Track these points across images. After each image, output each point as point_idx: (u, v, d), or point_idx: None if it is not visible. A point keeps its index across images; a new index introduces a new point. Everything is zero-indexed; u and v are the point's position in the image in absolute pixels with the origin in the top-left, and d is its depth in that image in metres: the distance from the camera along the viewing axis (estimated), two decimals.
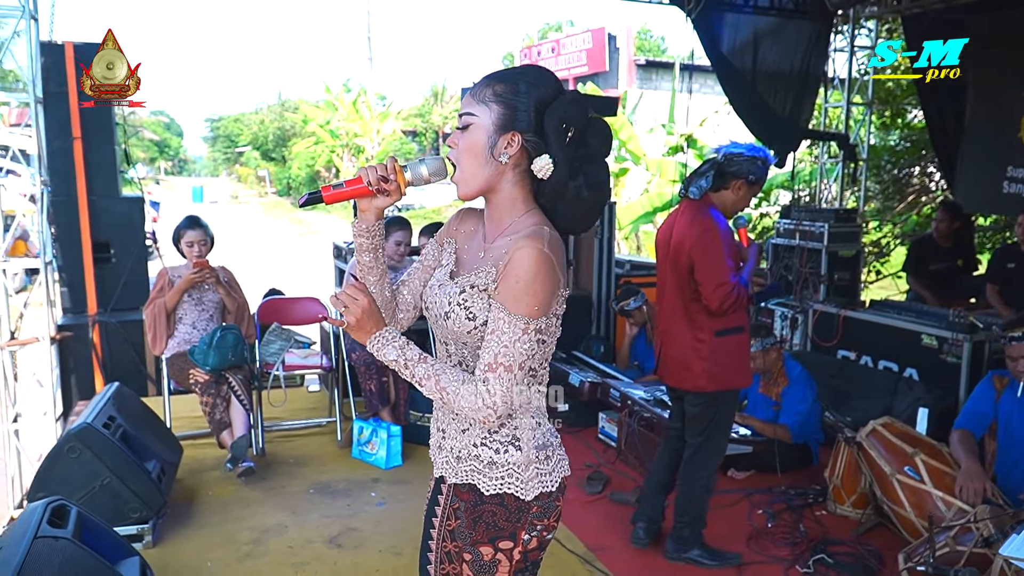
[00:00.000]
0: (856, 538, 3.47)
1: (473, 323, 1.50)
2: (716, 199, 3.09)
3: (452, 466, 1.57)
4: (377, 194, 1.56)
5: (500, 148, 1.49)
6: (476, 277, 1.52)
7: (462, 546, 1.54)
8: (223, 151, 53.08)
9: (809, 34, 6.85)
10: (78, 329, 5.22)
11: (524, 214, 1.54)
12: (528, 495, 1.51)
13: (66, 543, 2.25)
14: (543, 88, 1.49)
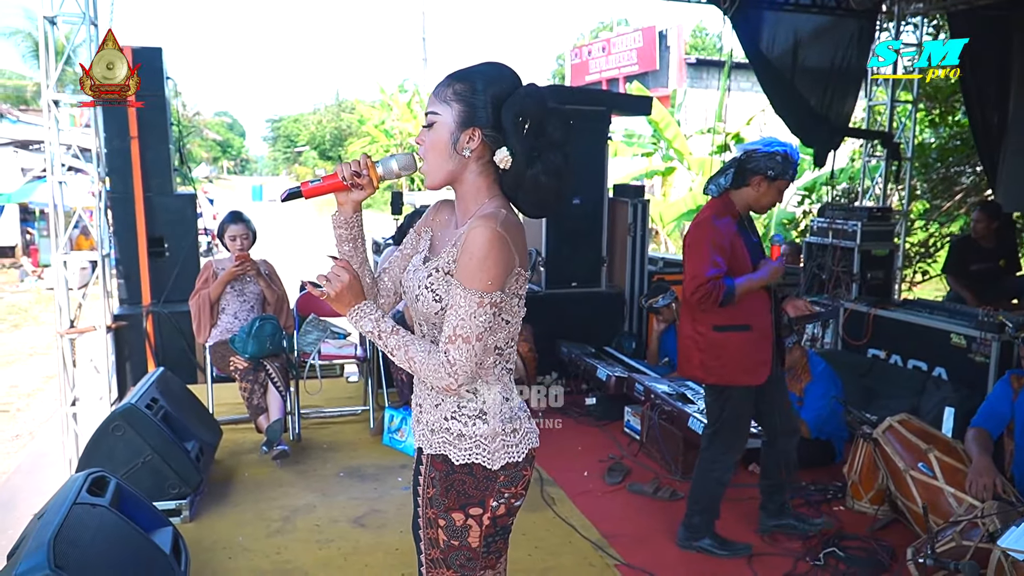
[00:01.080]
0: (871, 534, 3.49)
1: (439, 304, 1.62)
2: (737, 197, 3.12)
3: (427, 438, 1.71)
4: (352, 188, 1.69)
5: (462, 143, 1.61)
6: (440, 260, 1.64)
7: (437, 512, 1.67)
8: (283, 151, 54.29)
9: (852, 31, 6.78)
10: (133, 319, 5.51)
11: (488, 200, 1.65)
12: (495, 465, 1.64)
13: (103, 510, 2.45)
14: (499, 84, 1.60)
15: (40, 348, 8.99)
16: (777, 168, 3.03)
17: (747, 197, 3.11)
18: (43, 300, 11.91)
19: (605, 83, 21.32)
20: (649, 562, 3.23)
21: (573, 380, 5.29)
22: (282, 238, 16.70)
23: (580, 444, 4.53)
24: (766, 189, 3.06)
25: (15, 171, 15.86)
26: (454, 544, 1.66)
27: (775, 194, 3.08)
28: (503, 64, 1.68)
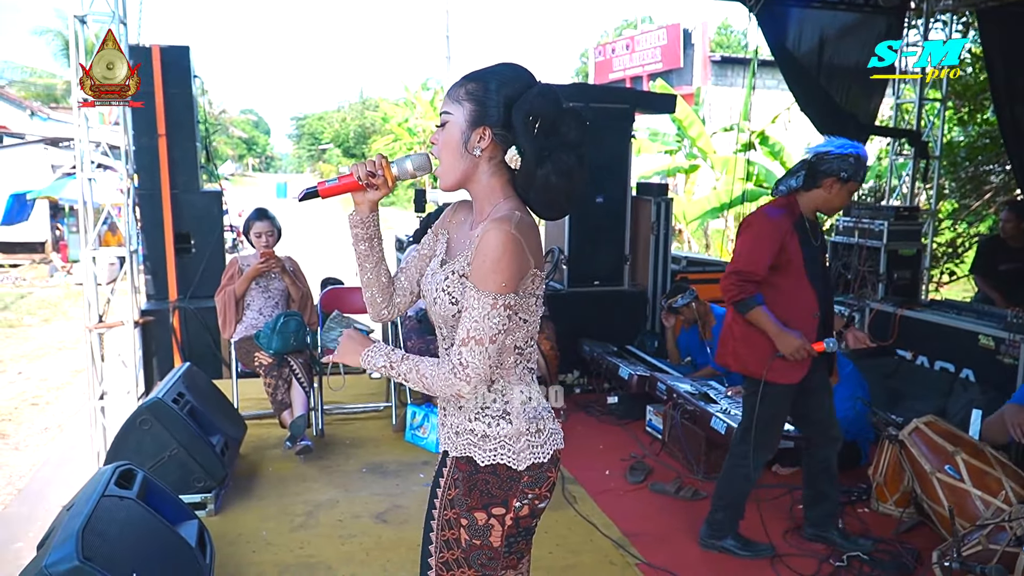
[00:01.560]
0: (897, 536, 3.46)
1: (456, 307, 1.62)
2: (807, 198, 3.06)
3: (452, 440, 1.71)
4: (367, 188, 1.71)
5: (473, 142, 1.61)
6: (456, 263, 1.65)
7: (459, 512, 1.67)
8: (307, 148, 54.69)
9: (879, 28, 6.70)
10: (159, 314, 5.59)
11: (503, 201, 1.65)
12: (520, 465, 1.64)
13: (131, 503, 2.49)
14: (513, 84, 1.60)
15: (69, 342, 9.13)
16: (850, 170, 2.97)
17: (816, 199, 3.05)
18: (72, 295, 12.10)
19: (629, 81, 21.25)
20: (670, 561, 3.22)
21: (595, 378, 5.28)
22: (307, 235, 16.81)
23: (602, 443, 4.53)
24: (838, 191, 3.00)
25: (45, 168, 16.12)
26: (476, 543, 1.67)
27: (846, 196, 3.02)
28: (519, 65, 1.67)
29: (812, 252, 3.08)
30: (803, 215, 3.08)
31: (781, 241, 3.01)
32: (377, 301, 1.86)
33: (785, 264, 3.02)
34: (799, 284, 3.05)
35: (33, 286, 13.29)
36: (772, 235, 3.01)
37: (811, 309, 3.07)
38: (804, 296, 3.06)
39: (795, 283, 3.05)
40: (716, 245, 14.35)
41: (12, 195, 13.73)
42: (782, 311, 3.03)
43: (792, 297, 3.06)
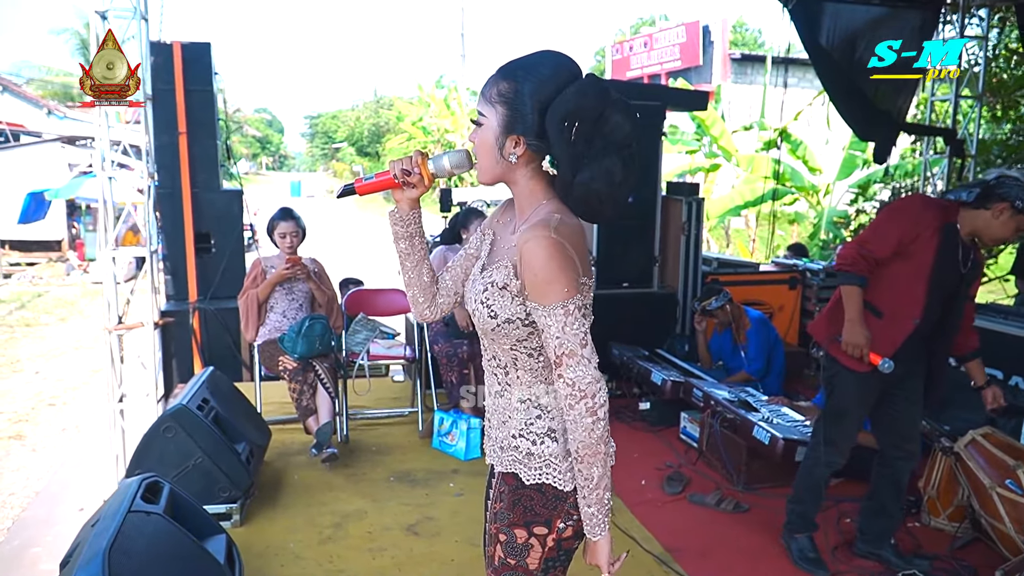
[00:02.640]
0: (952, 553, 3.30)
1: (495, 321, 1.50)
2: (970, 215, 2.87)
3: (498, 455, 1.61)
4: (403, 186, 1.62)
5: (508, 149, 1.49)
6: (496, 273, 1.52)
7: (500, 527, 1.56)
8: (321, 147, 54.79)
9: (914, 23, 6.53)
10: (179, 315, 5.50)
11: (544, 203, 1.52)
12: (566, 486, 1.52)
13: (158, 518, 2.36)
14: (548, 85, 1.44)
15: (86, 342, 9.06)
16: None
17: (979, 220, 2.85)
18: (89, 294, 12.05)
19: (647, 79, 21.04)
20: None
21: (625, 383, 5.13)
22: (325, 233, 16.74)
23: (636, 451, 4.38)
24: (1007, 220, 2.79)
25: (62, 166, 16.12)
26: (510, 563, 1.55)
27: (1013, 228, 2.81)
28: (560, 55, 1.50)
29: (948, 266, 2.89)
30: (958, 227, 2.89)
31: (916, 231, 2.87)
32: (419, 301, 1.77)
33: (911, 256, 2.89)
34: (914, 283, 2.90)
35: (50, 285, 13.26)
36: (911, 221, 2.89)
37: (913, 314, 2.92)
38: (912, 298, 2.92)
39: (911, 280, 2.91)
40: (737, 244, 14.18)
41: (29, 194, 13.72)
42: (883, 297, 2.95)
43: (900, 290, 2.93)
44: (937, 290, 2.91)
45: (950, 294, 2.94)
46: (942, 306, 2.95)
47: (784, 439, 3.65)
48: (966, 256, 2.91)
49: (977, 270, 2.98)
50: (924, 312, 2.92)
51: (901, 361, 2.95)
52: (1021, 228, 2.80)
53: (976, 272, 2.98)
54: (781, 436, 3.66)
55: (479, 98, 1.54)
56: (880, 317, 2.96)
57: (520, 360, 1.54)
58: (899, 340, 2.93)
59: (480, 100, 1.53)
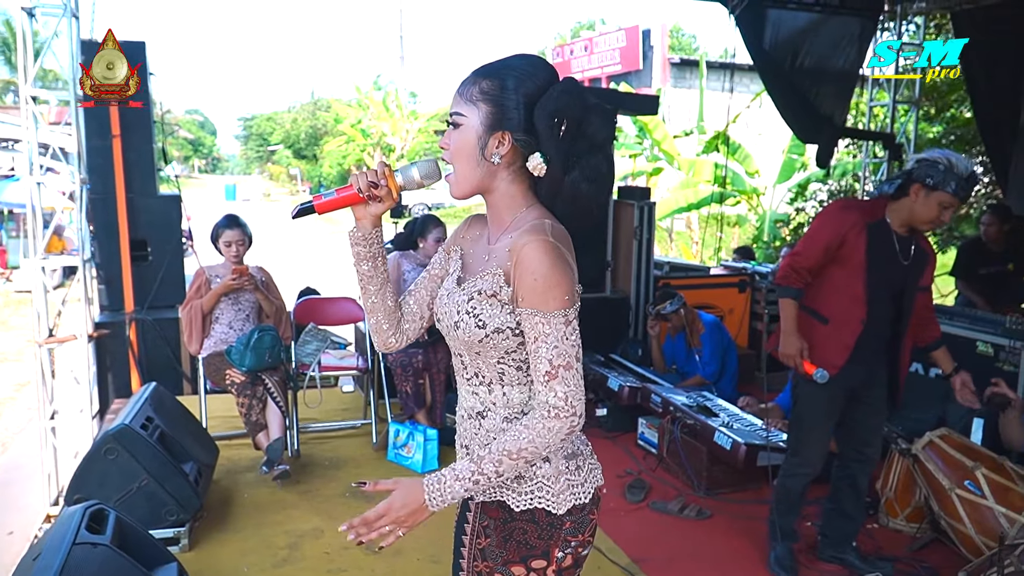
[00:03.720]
0: (911, 554, 3.34)
1: (483, 331, 1.42)
2: (895, 208, 2.88)
3: None
4: (369, 201, 1.49)
5: (491, 148, 1.41)
6: (482, 282, 1.44)
7: (493, 566, 1.46)
8: (256, 149, 53.72)
9: (854, 30, 6.68)
10: (115, 327, 5.23)
11: (525, 209, 1.46)
12: (560, 509, 1.44)
13: (104, 549, 2.20)
14: (532, 81, 1.39)
15: (11, 354, 8.61)
16: (937, 176, 2.73)
17: (904, 209, 2.85)
18: (11, 303, 11.47)
19: (588, 83, 21.16)
20: None
21: None
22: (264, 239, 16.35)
23: None
24: (924, 199, 2.77)
25: None
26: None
27: (934, 206, 2.76)
28: (536, 56, 1.46)
29: (885, 262, 2.90)
30: (887, 221, 2.90)
31: (842, 236, 2.90)
32: (384, 328, 1.61)
33: (843, 260, 2.92)
34: (852, 284, 2.91)
35: None
36: (833, 226, 2.93)
37: (857, 315, 2.93)
38: (853, 299, 2.93)
39: (848, 282, 2.92)
40: (680, 247, 14.36)
41: None
42: (827, 304, 2.98)
43: (841, 294, 2.95)
44: (879, 288, 2.92)
45: (898, 289, 2.95)
46: (894, 302, 2.96)
47: (746, 444, 3.65)
48: (906, 248, 2.92)
49: (924, 259, 2.98)
50: (868, 311, 2.93)
51: (861, 364, 2.96)
52: (945, 204, 2.77)
53: (923, 262, 2.98)
54: (743, 441, 3.66)
55: (455, 99, 1.45)
56: (826, 323, 2.98)
57: (507, 375, 1.45)
58: (850, 342, 2.94)
59: (457, 101, 1.44)
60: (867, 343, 2.96)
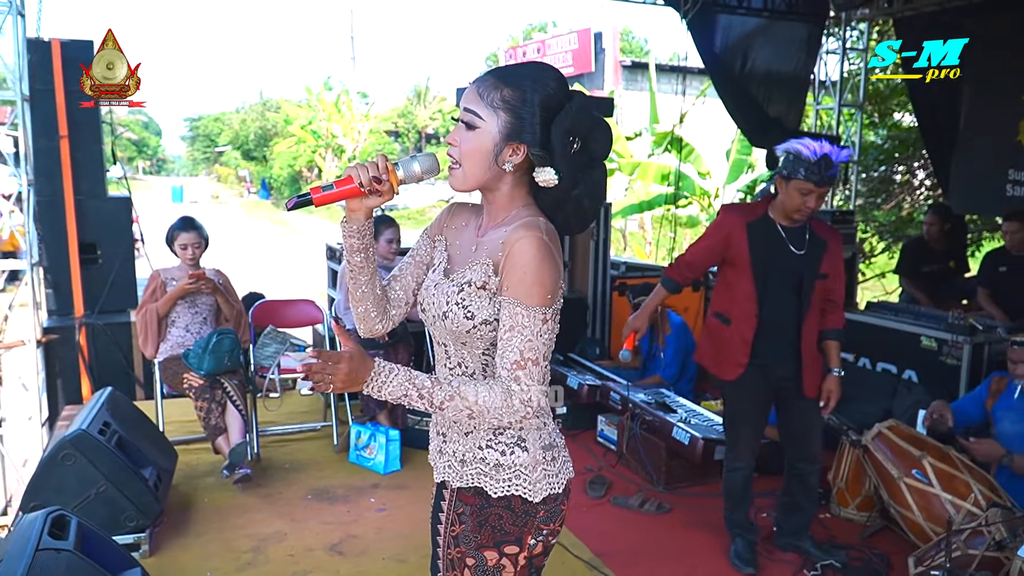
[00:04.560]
0: (862, 542, 3.46)
1: (472, 322, 1.46)
2: (774, 203, 3.00)
3: (456, 470, 1.54)
4: (369, 194, 1.50)
5: (505, 157, 1.46)
6: (472, 273, 1.49)
7: (465, 551, 1.51)
8: (203, 150, 52.66)
9: (801, 36, 6.86)
10: (64, 332, 5.12)
11: (520, 208, 1.52)
12: (536, 497, 1.49)
13: (68, 555, 2.17)
14: (554, 97, 1.45)
15: None
16: (788, 167, 2.86)
17: (778, 203, 2.98)
18: None
19: None
20: None
21: None
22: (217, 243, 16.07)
23: None
24: (786, 190, 2.90)
25: None
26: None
27: (795, 195, 2.86)
28: (552, 68, 1.51)
29: (772, 256, 2.99)
30: (770, 217, 3.02)
31: (725, 238, 3.06)
32: (372, 315, 1.64)
33: (732, 260, 3.07)
34: (743, 282, 3.04)
35: None
36: (716, 230, 3.13)
37: (751, 311, 3.04)
38: (746, 296, 3.04)
39: (739, 280, 3.06)
40: (633, 247, 14.53)
41: None
42: (727, 305, 3.13)
43: (735, 293, 3.08)
44: (773, 282, 3.01)
45: (797, 280, 3.01)
46: (795, 294, 3.02)
47: (703, 439, 3.74)
48: (797, 238, 2.99)
49: (821, 247, 3.02)
50: (764, 306, 3.03)
51: (772, 358, 3.06)
52: (803, 191, 2.85)
53: (820, 250, 3.02)
54: (700, 436, 3.75)
55: (473, 98, 1.47)
56: (729, 323, 3.11)
57: (491, 366, 1.50)
58: (749, 338, 3.04)
59: (476, 101, 1.47)
60: (771, 337, 3.06)
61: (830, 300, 3.11)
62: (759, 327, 3.05)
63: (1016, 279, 5.07)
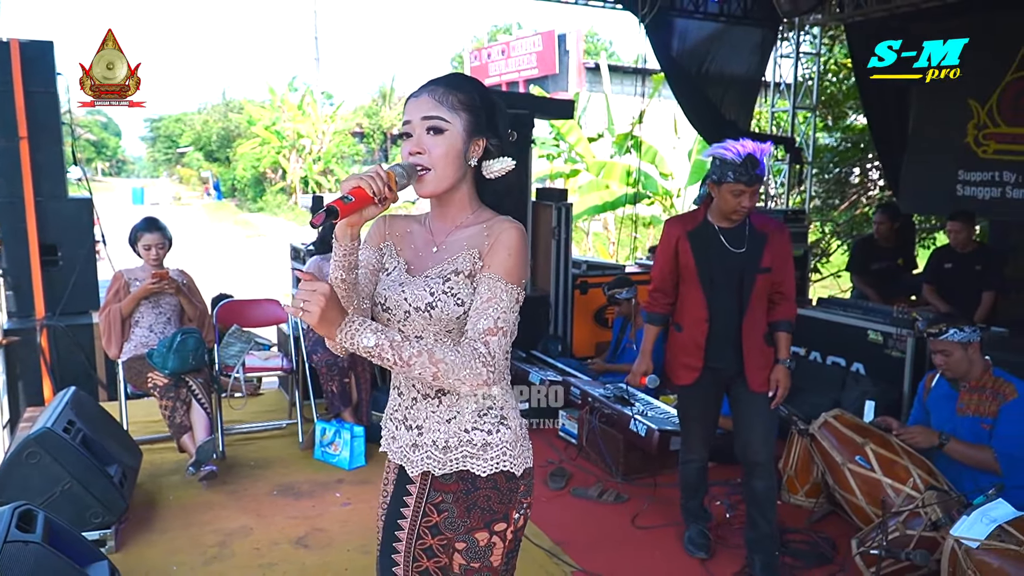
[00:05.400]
0: (810, 526, 3.61)
1: (462, 308, 1.55)
2: (712, 208, 3.07)
3: (438, 459, 1.60)
4: (379, 204, 1.50)
5: (471, 153, 1.60)
6: (458, 263, 1.57)
7: (453, 536, 1.58)
8: (164, 152, 51.87)
9: (755, 40, 7.06)
10: (25, 334, 5.10)
11: (476, 211, 1.64)
12: (519, 469, 1.60)
13: (36, 547, 2.21)
14: (488, 97, 1.63)
15: None
16: (717, 172, 2.92)
17: (715, 205, 3.05)
18: None
19: (505, 86, 21.39)
20: (604, 567, 3.22)
21: None
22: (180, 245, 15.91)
23: None
24: (719, 193, 2.96)
25: None
26: (474, 567, 1.59)
27: (728, 197, 2.93)
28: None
29: (714, 258, 3.05)
30: (710, 221, 3.08)
31: (673, 249, 3.14)
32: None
33: (682, 269, 3.14)
34: (691, 288, 3.12)
35: None
36: (664, 244, 3.19)
37: (701, 316, 3.11)
38: (695, 301, 3.11)
39: (688, 287, 3.13)
40: (597, 247, 14.70)
41: None
42: (680, 313, 3.20)
43: (686, 300, 3.15)
44: (717, 283, 3.06)
45: (738, 279, 3.04)
46: (738, 292, 3.05)
47: (659, 430, 3.86)
48: (736, 238, 3.04)
49: (762, 242, 3.04)
50: (710, 309, 3.09)
51: (721, 360, 3.11)
52: (735, 192, 2.90)
53: (758, 246, 3.04)
54: (656, 428, 3.87)
55: (433, 104, 1.56)
56: (681, 331, 3.18)
57: None
58: (701, 342, 3.10)
59: (436, 107, 1.56)
60: (719, 337, 3.11)
61: (779, 292, 3.14)
62: (709, 330, 3.10)
63: (960, 275, 5.30)
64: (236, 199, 34.45)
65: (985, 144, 6.20)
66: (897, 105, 6.75)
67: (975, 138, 6.24)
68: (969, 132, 6.27)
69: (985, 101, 6.09)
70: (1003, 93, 5.99)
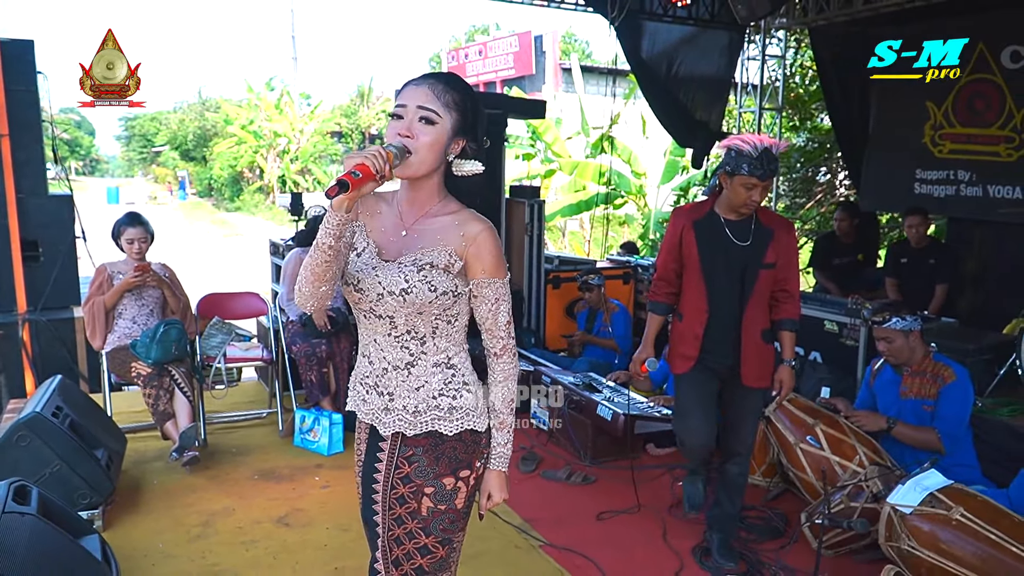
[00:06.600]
0: (765, 504, 3.82)
1: (434, 294, 1.73)
2: (719, 199, 3.09)
3: (408, 421, 1.79)
4: (378, 180, 1.60)
5: (451, 149, 1.76)
6: (433, 256, 1.73)
7: (423, 483, 1.78)
8: (139, 151, 51.41)
9: (723, 42, 7.28)
10: (7, 328, 5.20)
11: (443, 200, 1.81)
12: (483, 427, 1.83)
13: (32, 519, 2.35)
14: (478, 104, 1.81)
15: None
16: (731, 163, 2.93)
17: (724, 198, 3.06)
18: None
19: (483, 86, 21.55)
20: (570, 541, 3.40)
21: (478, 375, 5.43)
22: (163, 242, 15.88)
23: None
24: (730, 185, 2.97)
25: None
26: (440, 508, 1.79)
27: (740, 190, 2.93)
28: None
29: (719, 249, 3.06)
30: (717, 213, 3.09)
31: (678, 238, 3.15)
32: (328, 295, 1.74)
33: (686, 259, 3.15)
34: (693, 278, 3.13)
35: None
36: (669, 235, 3.20)
37: (701, 306, 3.12)
38: (696, 291, 3.13)
39: (690, 277, 3.15)
40: (573, 245, 14.91)
41: None
42: (682, 302, 3.22)
43: (688, 289, 3.17)
44: (719, 275, 3.08)
45: (741, 272, 3.05)
46: (740, 285, 3.06)
47: (624, 415, 4.05)
48: (742, 231, 3.05)
49: (767, 237, 3.06)
50: (712, 299, 3.10)
51: (717, 352, 3.12)
52: (747, 185, 2.92)
53: (764, 241, 3.05)
54: (622, 412, 4.06)
55: (428, 96, 1.70)
56: (682, 319, 3.23)
57: (440, 328, 1.77)
58: (699, 332, 3.12)
59: (432, 99, 1.71)
60: (717, 328, 3.15)
61: (783, 290, 3.14)
62: (708, 321, 3.11)
63: (915, 269, 5.54)
64: (213, 198, 34.29)
65: (941, 144, 6.45)
66: (859, 106, 7.00)
67: (932, 138, 6.49)
68: (926, 132, 6.52)
69: (941, 103, 6.35)
70: (958, 95, 6.24)
